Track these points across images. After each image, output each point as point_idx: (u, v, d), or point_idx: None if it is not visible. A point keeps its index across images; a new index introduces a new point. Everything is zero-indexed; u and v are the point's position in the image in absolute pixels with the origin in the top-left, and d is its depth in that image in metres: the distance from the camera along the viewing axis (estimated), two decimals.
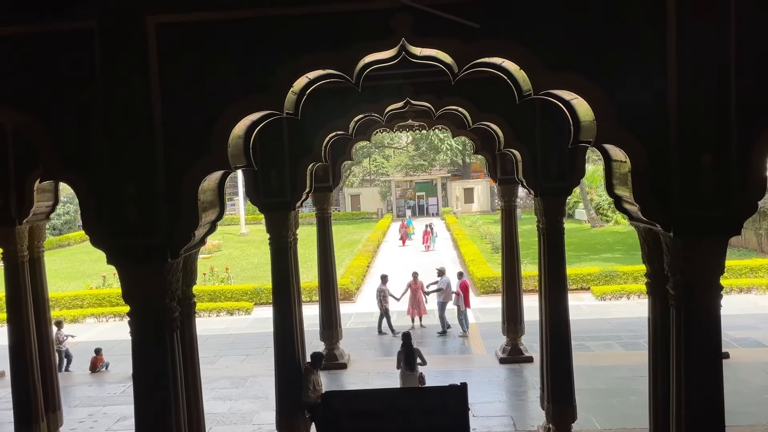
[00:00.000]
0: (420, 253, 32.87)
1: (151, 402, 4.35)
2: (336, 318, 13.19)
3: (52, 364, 9.22)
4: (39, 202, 8.14)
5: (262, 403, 11.14)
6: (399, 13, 3.90)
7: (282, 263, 9.15)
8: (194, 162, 4.08)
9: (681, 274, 4.17)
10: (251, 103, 4.07)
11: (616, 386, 11.17)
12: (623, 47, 3.94)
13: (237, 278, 25.90)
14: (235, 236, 42.48)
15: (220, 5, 4.01)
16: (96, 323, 19.97)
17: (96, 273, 26.20)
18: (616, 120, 3.96)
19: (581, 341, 13.25)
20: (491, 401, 10.83)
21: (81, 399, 11.95)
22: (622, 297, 19.78)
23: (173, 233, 4.14)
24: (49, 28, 4.04)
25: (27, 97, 4.11)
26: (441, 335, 16.03)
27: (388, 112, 8.93)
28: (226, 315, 20.08)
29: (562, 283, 8.61)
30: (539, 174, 8.24)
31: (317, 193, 12.10)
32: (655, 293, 4.94)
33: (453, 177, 58.56)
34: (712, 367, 4.22)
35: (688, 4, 3.84)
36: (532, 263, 21.12)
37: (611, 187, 4.59)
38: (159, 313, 4.26)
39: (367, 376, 12.62)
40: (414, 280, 16.80)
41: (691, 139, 3.92)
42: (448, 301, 16.28)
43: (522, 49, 3.96)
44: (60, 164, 4.13)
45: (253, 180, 8.80)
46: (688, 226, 4.02)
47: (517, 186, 11.88)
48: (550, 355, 8.54)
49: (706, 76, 3.87)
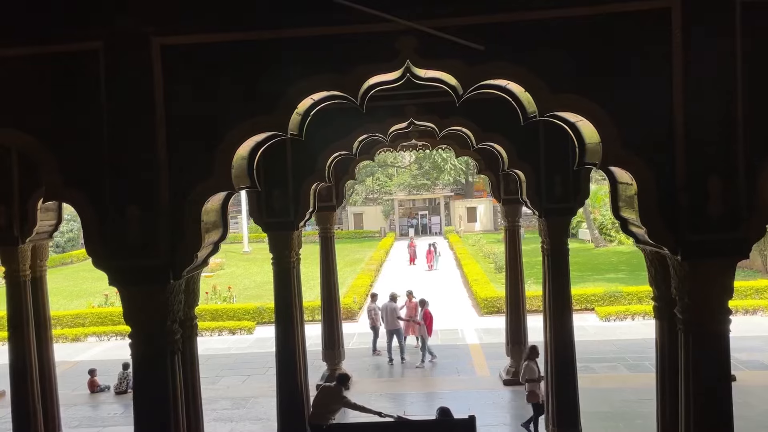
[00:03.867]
0: (423, 273, 32.75)
1: (152, 424, 4.29)
2: (338, 338, 13.10)
3: (53, 383, 9.14)
4: (42, 221, 8.15)
5: (263, 425, 11.02)
6: (404, 36, 3.90)
7: (285, 283, 9.10)
8: (198, 183, 4.07)
9: (689, 297, 4.12)
10: (255, 125, 4.07)
11: (622, 409, 11.03)
12: (629, 70, 3.93)
13: (240, 297, 25.80)
14: (238, 254, 42.42)
15: (225, 28, 4.02)
16: (98, 342, 19.86)
17: (98, 291, 26.11)
18: (621, 142, 3.94)
19: (586, 363, 13.11)
20: (495, 424, 10.70)
21: (81, 419, 11.84)
22: (626, 318, 19.62)
23: (176, 254, 4.11)
24: (55, 49, 4.05)
25: (32, 118, 4.11)
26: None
27: (391, 132, 8.94)
28: (228, 334, 19.95)
29: (567, 304, 8.54)
30: (543, 195, 8.22)
31: (320, 213, 12.09)
32: (662, 317, 4.88)
33: (456, 196, 58.58)
34: (721, 392, 4.15)
35: (694, 27, 3.83)
36: (535, 283, 21.03)
37: (617, 210, 4.55)
38: (161, 335, 4.22)
39: (369, 397, 12.47)
40: (408, 299, 16.30)
41: (698, 161, 3.89)
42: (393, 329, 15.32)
43: (527, 71, 3.96)
44: (63, 185, 4.11)
45: (256, 200, 8.80)
46: (695, 249, 3.98)
47: (521, 206, 11.84)
48: (555, 377, 8.45)
49: (713, 98, 3.85)
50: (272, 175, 8.39)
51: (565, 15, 3.94)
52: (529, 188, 8.23)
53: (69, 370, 15.26)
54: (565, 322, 8.44)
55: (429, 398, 12.36)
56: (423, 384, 13.48)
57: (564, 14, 3.94)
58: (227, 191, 4.24)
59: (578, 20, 3.94)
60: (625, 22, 3.92)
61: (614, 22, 3.93)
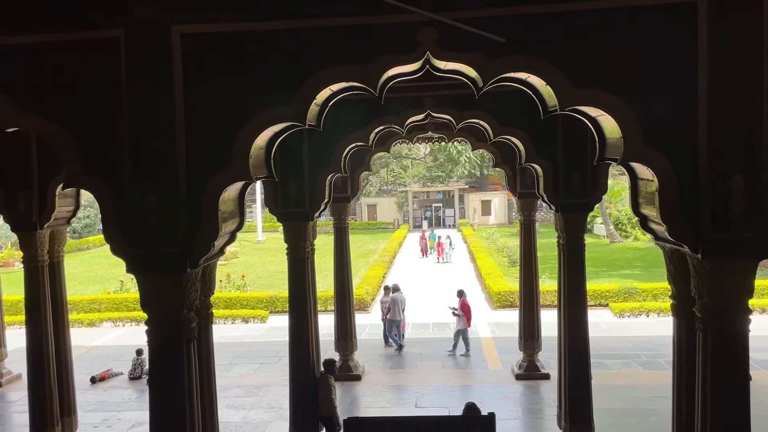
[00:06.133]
0: (435, 266, 32.73)
1: (167, 411, 4.32)
2: (351, 329, 13.13)
3: (69, 367, 9.26)
4: (60, 207, 8.23)
5: (275, 414, 11.10)
6: (424, 27, 3.87)
7: (299, 273, 9.13)
8: (216, 172, 4.07)
9: (708, 296, 4.07)
10: (274, 115, 4.06)
11: (635, 406, 10.96)
12: (653, 65, 3.87)
13: (253, 285, 25.95)
14: (252, 243, 42.67)
15: (245, 17, 4.01)
16: (113, 327, 20.09)
17: (114, 277, 26.40)
18: (643, 138, 3.89)
19: (599, 359, 13.03)
20: (507, 418, 10.66)
21: (96, 404, 11.98)
22: (641, 315, 19.48)
23: (193, 243, 4.13)
24: (76, 37, 4.06)
25: (55, 105, 4.13)
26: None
27: (408, 124, 8.90)
28: (241, 322, 20.10)
29: (582, 300, 8.48)
30: (560, 189, 8.15)
31: (335, 204, 12.09)
32: (680, 315, 4.83)
33: (470, 189, 58.39)
34: (739, 392, 4.10)
35: (719, 22, 3.76)
36: (549, 278, 20.95)
37: (637, 206, 4.50)
38: (177, 323, 4.24)
39: (381, 388, 12.53)
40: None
41: (722, 159, 3.83)
42: (396, 320, 15.60)
43: (548, 64, 3.91)
44: (83, 172, 4.14)
45: (272, 190, 8.81)
46: (716, 248, 3.92)
47: (537, 200, 11.76)
48: (569, 373, 8.41)
49: (737, 94, 3.78)
50: (289, 165, 8.40)
51: (588, 8, 3.88)
52: (546, 183, 8.17)
53: (85, 355, 15.45)
54: (579, 318, 8.39)
55: (441, 391, 12.37)
56: (435, 377, 13.47)
57: (587, 7, 3.88)
58: (245, 181, 4.25)
59: (602, 13, 3.88)
60: (650, 17, 3.86)
61: (639, 17, 3.87)
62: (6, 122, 4.22)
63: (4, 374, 13.24)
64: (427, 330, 17.92)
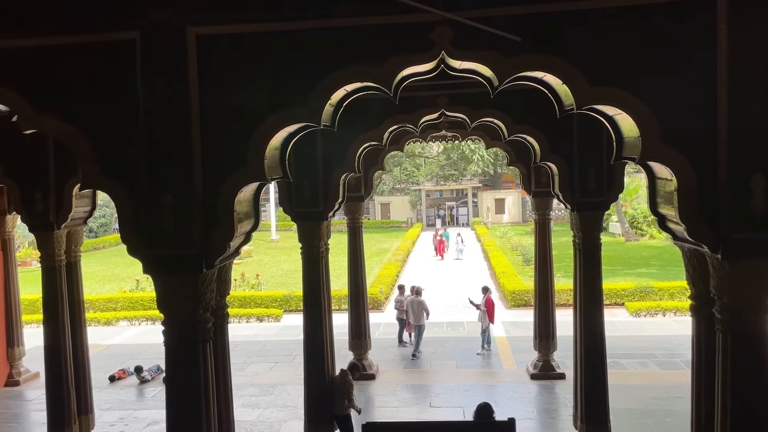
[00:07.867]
0: (448, 264, 32.64)
1: (183, 410, 4.35)
2: (365, 328, 13.13)
3: (86, 366, 9.35)
4: (77, 207, 8.30)
5: (290, 412, 11.13)
6: (439, 26, 3.85)
7: (313, 272, 9.14)
8: (231, 173, 4.08)
9: (728, 297, 4.01)
10: (289, 116, 4.06)
11: (652, 406, 10.86)
12: (671, 62, 3.81)
13: (267, 284, 26.05)
14: (266, 242, 42.83)
15: (260, 18, 4.01)
16: (129, 326, 20.25)
17: (130, 276, 26.63)
18: (662, 137, 3.84)
19: (615, 359, 12.92)
20: (521, 418, 10.56)
21: (113, 402, 12.09)
22: (657, 314, 19.29)
23: (209, 244, 4.14)
24: (93, 39, 4.09)
25: (72, 106, 4.16)
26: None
27: (422, 123, 8.87)
28: (256, 321, 20.17)
29: (598, 300, 8.41)
30: (576, 188, 8.09)
31: (349, 203, 12.10)
32: (699, 315, 4.77)
33: (484, 187, 58.19)
34: (759, 394, 4.04)
35: (739, 20, 3.70)
36: (564, 276, 20.81)
37: (655, 206, 4.45)
38: (193, 323, 4.26)
39: (396, 388, 12.53)
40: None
41: (742, 158, 3.77)
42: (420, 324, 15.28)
43: (565, 63, 3.87)
44: (100, 174, 4.16)
45: (286, 189, 8.83)
46: (737, 248, 3.86)
47: (552, 199, 11.68)
48: (585, 373, 8.35)
49: (758, 93, 3.72)
50: (303, 165, 8.40)
51: (605, 5, 3.84)
52: (561, 181, 8.11)
53: (101, 353, 15.59)
54: (595, 318, 8.32)
55: (455, 391, 12.34)
56: (449, 376, 13.44)
57: (604, 5, 3.84)
58: (260, 182, 4.25)
59: (619, 11, 3.84)
60: (669, 14, 3.80)
61: (657, 14, 3.81)
62: (24, 124, 4.26)
63: (23, 372, 13.39)
64: (441, 329, 17.88)
